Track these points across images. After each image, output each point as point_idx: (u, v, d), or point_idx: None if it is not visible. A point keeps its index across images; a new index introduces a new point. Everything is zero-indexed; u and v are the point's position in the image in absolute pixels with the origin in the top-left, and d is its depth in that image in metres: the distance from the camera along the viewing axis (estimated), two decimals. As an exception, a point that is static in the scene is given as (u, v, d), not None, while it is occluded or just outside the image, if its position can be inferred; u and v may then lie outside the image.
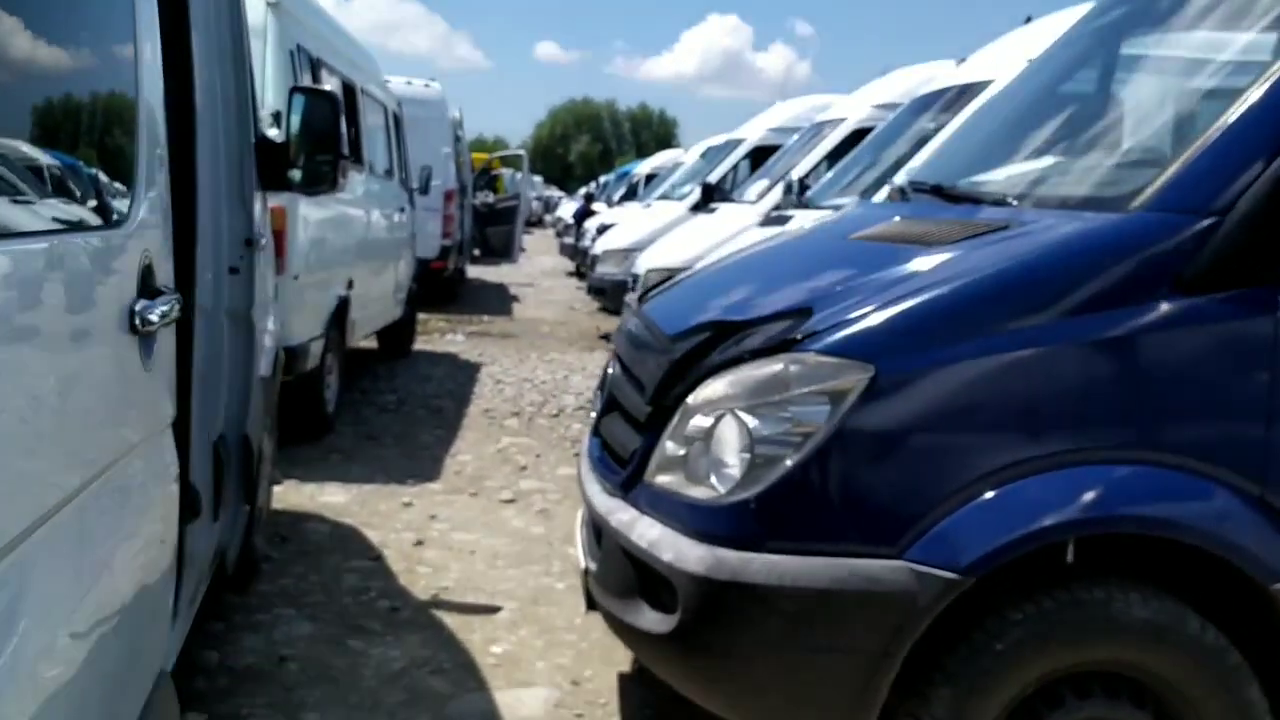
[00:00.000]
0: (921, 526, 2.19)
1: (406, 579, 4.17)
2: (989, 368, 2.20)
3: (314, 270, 5.86)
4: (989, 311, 2.22)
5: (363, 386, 7.99)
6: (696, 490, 2.40)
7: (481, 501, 5.29)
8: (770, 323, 2.40)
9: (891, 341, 2.24)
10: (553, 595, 4.07)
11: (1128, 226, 2.24)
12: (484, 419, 7.16)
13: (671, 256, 8.36)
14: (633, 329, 3.03)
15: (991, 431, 2.20)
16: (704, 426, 2.40)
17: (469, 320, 12.47)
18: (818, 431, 2.23)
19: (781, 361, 2.30)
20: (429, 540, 4.66)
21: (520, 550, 4.58)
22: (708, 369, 2.43)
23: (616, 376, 2.99)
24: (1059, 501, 2.17)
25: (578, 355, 10.11)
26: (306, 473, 5.58)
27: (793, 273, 2.78)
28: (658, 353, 2.68)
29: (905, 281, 2.34)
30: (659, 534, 2.42)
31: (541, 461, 6.09)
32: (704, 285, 3.10)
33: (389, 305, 8.38)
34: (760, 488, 2.27)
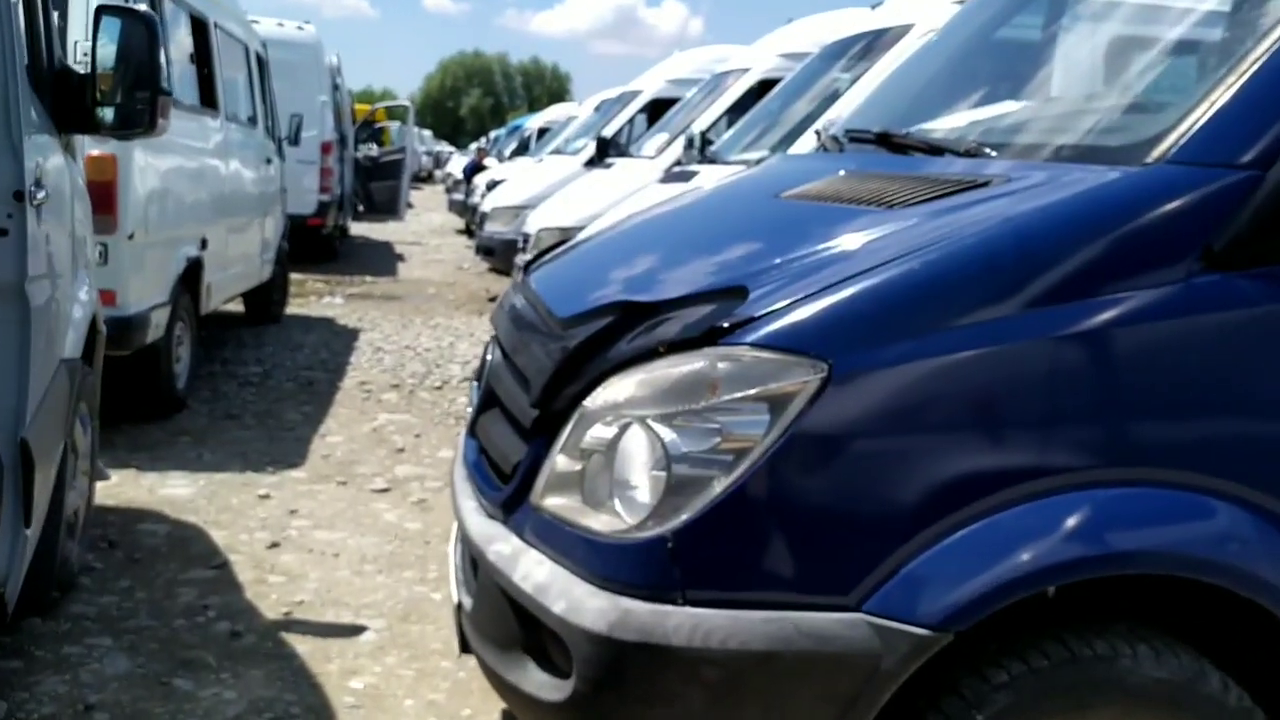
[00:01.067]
0: (884, 570, 1.70)
1: (254, 592, 3.56)
2: (974, 365, 1.70)
3: (155, 228, 5.13)
4: (974, 293, 1.72)
5: (224, 357, 7.25)
6: (596, 519, 1.87)
7: (351, 491, 4.68)
8: (691, 305, 1.86)
9: (849, 331, 1.72)
10: (427, 609, 3.51)
11: (1146, 183, 1.76)
12: (359, 393, 6.51)
13: (565, 215, 7.78)
14: (516, 306, 2.47)
15: (975, 447, 1.71)
16: (605, 438, 1.87)
17: (350, 281, 11.70)
18: (754, 447, 1.71)
19: (707, 357, 1.77)
20: (286, 541, 4.04)
21: (392, 551, 4.00)
22: (610, 364, 1.89)
23: (496, 365, 2.43)
24: (1060, 536, 1.70)
25: (465, 319, 9.47)
26: (149, 460, 4.89)
27: (714, 240, 2.24)
28: (546, 339, 2.13)
29: (863, 253, 1.82)
30: (548, 575, 1.89)
31: (421, 442, 5.49)
32: (603, 253, 2.54)
33: (254, 266, 7.63)
34: (679, 520, 1.74)
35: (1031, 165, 1.96)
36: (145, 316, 4.95)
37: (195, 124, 6.08)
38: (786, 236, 2.03)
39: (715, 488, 1.73)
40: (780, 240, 2.02)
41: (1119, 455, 1.72)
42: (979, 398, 1.71)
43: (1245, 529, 1.74)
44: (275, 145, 8.57)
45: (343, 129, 14.06)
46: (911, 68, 3.09)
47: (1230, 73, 1.79)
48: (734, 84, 8.10)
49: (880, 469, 1.71)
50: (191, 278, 5.78)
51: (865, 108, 2.99)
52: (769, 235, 2.11)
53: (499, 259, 10.24)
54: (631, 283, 2.14)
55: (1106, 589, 1.78)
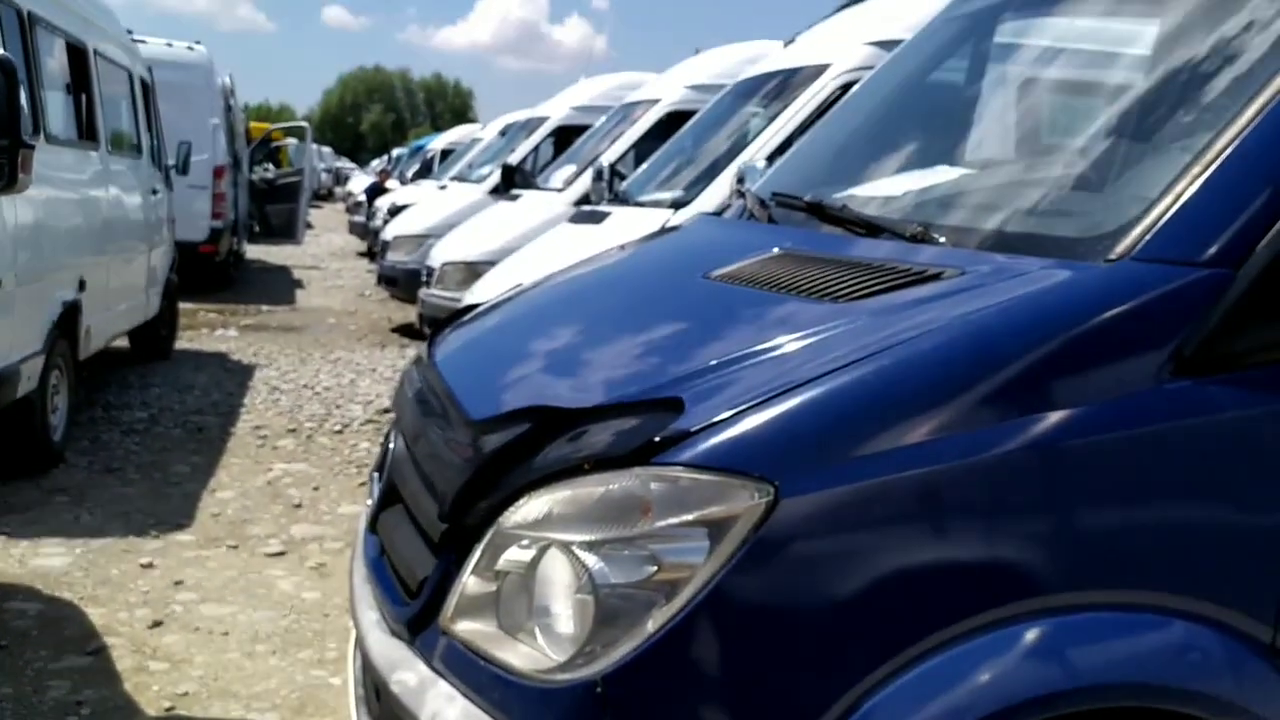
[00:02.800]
0: (842, 708, 1.53)
1: (134, 684, 3.26)
2: (933, 485, 1.55)
3: (26, 273, 4.75)
4: (931, 405, 1.56)
5: (106, 400, 6.83)
6: (515, 652, 1.67)
7: (243, 556, 4.38)
8: (620, 416, 1.67)
9: (797, 448, 1.55)
10: (324, 698, 3.25)
11: (1113, 283, 1.62)
12: (253, 439, 6.17)
13: (471, 248, 7.55)
14: (421, 393, 2.25)
15: (936, 574, 1.55)
16: (522, 560, 1.67)
17: (244, 311, 11.25)
18: (692, 578, 1.53)
19: (638, 477, 1.58)
20: (170, 619, 3.73)
21: (288, 627, 3.72)
22: (528, 478, 1.69)
23: (400, 458, 2.21)
24: (1035, 668, 1.55)
25: (367, 353, 9.14)
26: (20, 525, 4.52)
27: (640, 326, 2.05)
28: (456, 441, 1.92)
29: (809, 357, 1.65)
30: (459, 716, 1.68)
31: (320, 496, 5.20)
32: (516, 331, 2.33)
33: (139, 303, 7.22)
34: (610, 661, 1.55)
35: (983, 257, 1.82)
36: (15, 370, 4.58)
37: (73, 158, 5.70)
38: (721, 331, 1.85)
39: (649, 624, 1.54)
40: (714, 335, 1.84)
41: (1093, 578, 1.58)
42: (939, 521, 1.55)
43: (1229, 654, 1.61)
44: (162, 174, 8.16)
45: (236, 151, 13.59)
46: (839, 121, 2.95)
47: (1196, 161, 1.67)
48: (643, 115, 7.95)
49: (832, 600, 1.54)
50: (68, 323, 5.40)
51: (792, 165, 2.84)
52: (701, 327, 1.93)
53: (402, 289, 9.93)
54: (550, 378, 1.94)
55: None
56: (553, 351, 2.09)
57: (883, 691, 1.53)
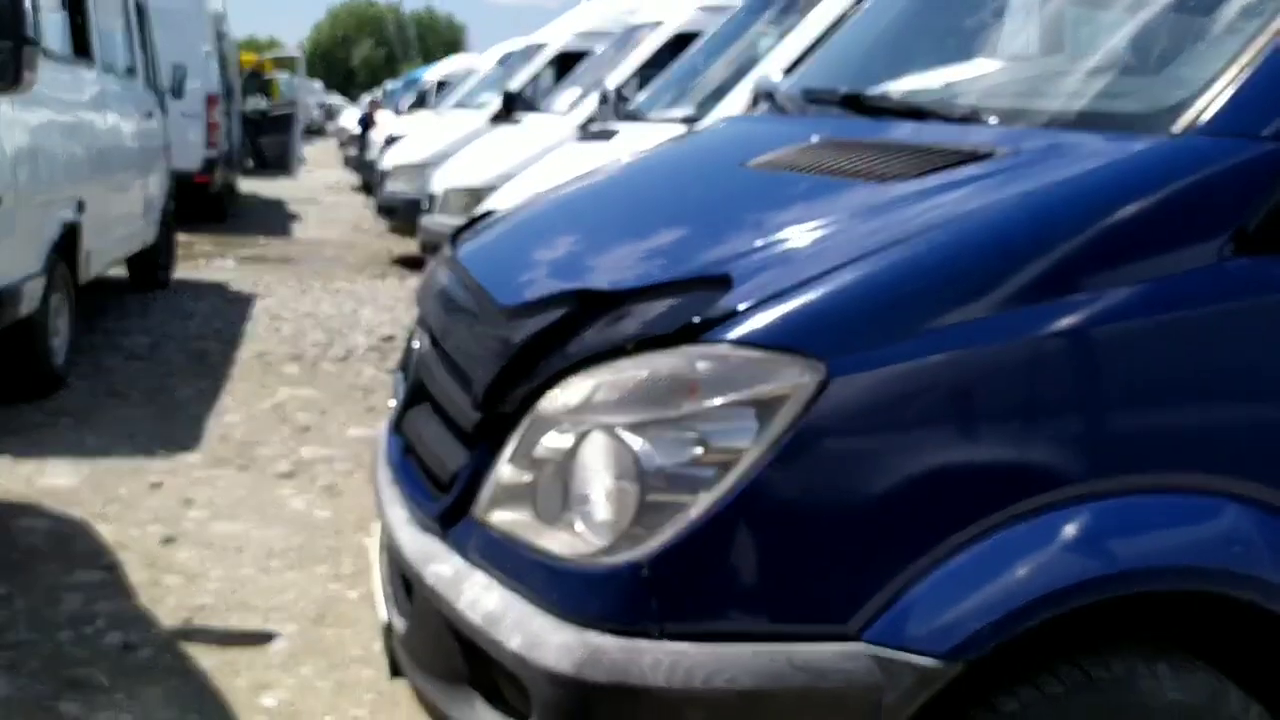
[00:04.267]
0: (886, 595, 1.50)
1: (149, 597, 3.24)
2: (986, 364, 1.50)
3: (26, 191, 4.66)
4: (985, 281, 1.52)
5: (106, 327, 6.76)
6: (554, 539, 1.63)
7: (252, 476, 4.35)
8: (664, 296, 1.62)
9: (849, 326, 1.51)
10: (343, 610, 3.23)
11: (1176, 156, 1.57)
12: (258, 365, 6.12)
13: (475, 174, 7.43)
14: (447, 287, 2.19)
15: (988, 457, 1.51)
16: (561, 447, 1.63)
17: (241, 243, 11.13)
18: (740, 459, 1.49)
19: (685, 357, 1.53)
20: (182, 535, 3.71)
21: (301, 544, 3.70)
22: (568, 362, 1.65)
23: (425, 355, 2.16)
24: (1087, 553, 1.52)
25: (368, 284, 9.06)
26: (25, 446, 4.48)
27: (678, 215, 1.99)
28: (488, 330, 1.86)
29: (859, 235, 1.61)
30: (499, 603, 1.65)
31: (328, 419, 5.16)
32: (546, 226, 2.27)
33: (137, 229, 7.13)
34: (655, 544, 1.52)
35: (1037, 133, 1.76)
36: (17, 289, 4.51)
37: (68, 75, 5.58)
38: (765, 214, 1.79)
39: (696, 506, 1.51)
40: (757, 218, 1.78)
41: (1144, 460, 1.55)
42: (991, 401, 1.51)
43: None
44: (157, 98, 8.01)
45: (229, 80, 13.38)
46: (865, 23, 2.86)
47: (1262, 32, 1.61)
48: (647, 38, 7.80)
49: (881, 482, 1.50)
50: (68, 244, 5.32)
51: (820, 66, 2.76)
52: (743, 212, 1.87)
53: (401, 219, 9.81)
54: (586, 265, 1.89)
55: (1123, 606, 1.61)
56: (586, 241, 2.03)
57: (925, 581, 1.50)
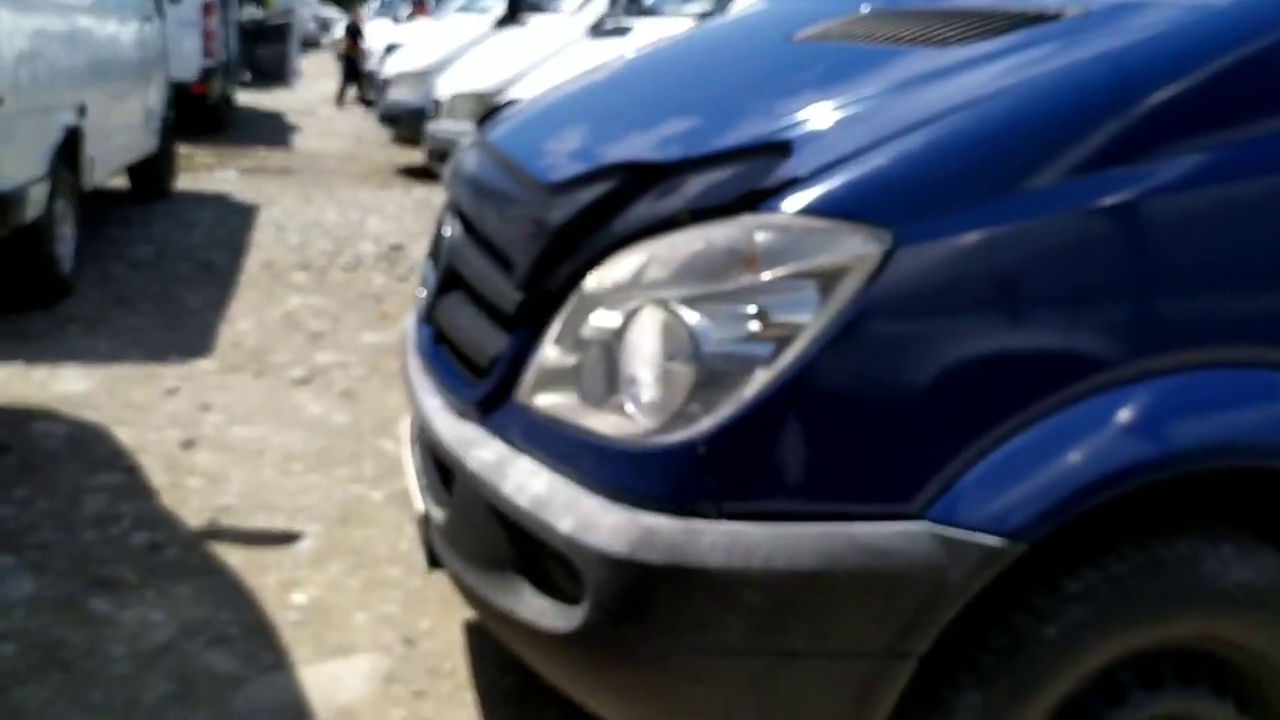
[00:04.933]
0: (950, 473, 1.46)
1: (172, 498, 3.21)
2: (1055, 234, 1.44)
3: (27, 92, 4.54)
4: (1058, 147, 1.44)
5: (111, 236, 6.67)
6: (603, 420, 1.59)
7: (268, 383, 4.30)
8: (717, 166, 1.55)
9: (914, 193, 1.44)
10: (367, 510, 3.21)
11: (1258, 13, 1.48)
12: (265, 274, 6.04)
13: (481, 78, 7.26)
14: (479, 169, 2.12)
15: (1061, 329, 1.46)
16: (610, 325, 1.57)
17: (241, 154, 10.95)
18: (800, 334, 1.44)
19: (742, 227, 1.47)
20: (201, 439, 3.68)
21: (321, 447, 3.67)
22: (617, 236, 1.59)
23: (458, 240, 2.09)
24: (1150, 430, 1.47)
25: (372, 194, 8.92)
26: (37, 352, 4.43)
27: (725, 91, 1.90)
28: (529, 209, 1.79)
29: (923, 100, 1.53)
30: (547, 487, 1.61)
31: (340, 326, 5.10)
32: (582, 106, 2.18)
33: (138, 136, 6.99)
34: (711, 421, 1.47)
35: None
36: (21, 192, 4.42)
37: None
38: (820, 84, 1.71)
39: (753, 382, 1.45)
40: (812, 88, 1.70)
41: (1216, 334, 1.49)
42: (1060, 274, 1.45)
43: None
44: (154, 2, 7.80)
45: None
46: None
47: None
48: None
49: (945, 357, 1.45)
50: (71, 148, 5.20)
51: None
52: (796, 83, 1.78)
53: (404, 129, 9.63)
54: (631, 140, 1.81)
55: (1187, 486, 1.57)
56: (629, 118, 1.94)
57: (989, 459, 1.45)
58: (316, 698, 2.30)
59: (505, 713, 2.29)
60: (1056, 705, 1.58)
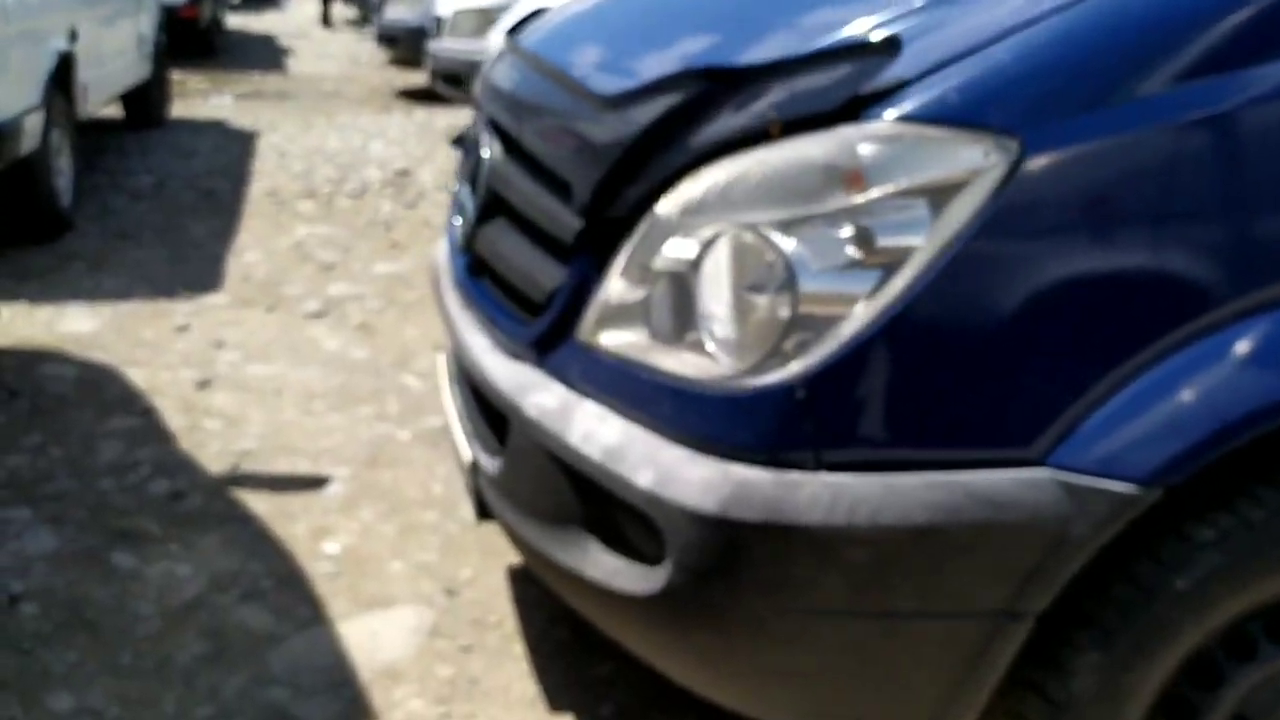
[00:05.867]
0: (1075, 413, 1.30)
1: (191, 442, 3.07)
2: (1200, 138, 1.26)
3: (16, 16, 4.30)
4: (1206, 35, 1.26)
5: (108, 167, 6.44)
6: (680, 360, 1.43)
7: (281, 317, 4.13)
8: (810, 68, 1.36)
9: (1043, 96, 1.26)
10: (395, 451, 3.06)
11: None
12: (270, 203, 5.84)
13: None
14: (518, 82, 1.92)
15: (1194, 248, 1.29)
16: (686, 257, 1.40)
17: (235, 79, 10.64)
18: (912, 258, 1.27)
19: (843, 138, 1.29)
20: (217, 379, 3.52)
21: (342, 384, 3.52)
22: (694, 153, 1.40)
23: (499, 163, 1.90)
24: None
25: (374, 118, 8.66)
26: (40, 291, 4.25)
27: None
28: (586, 125, 1.61)
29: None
30: (620, 435, 1.45)
31: (351, 257, 4.92)
32: (627, 9, 1.97)
33: (131, 62, 6.72)
34: (809, 361, 1.31)
35: None
36: (17, 123, 4.20)
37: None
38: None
39: (856, 315, 1.29)
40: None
41: None
42: (1199, 184, 1.28)
43: None
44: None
45: (211, -95, 12.56)
46: None
47: None
48: None
49: (1075, 281, 1.28)
50: (64, 76, 4.96)
51: None
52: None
53: (404, 49, 9.33)
54: (699, 42, 1.61)
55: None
56: (691, 16, 1.74)
57: (1118, 398, 1.30)
58: (358, 656, 2.18)
59: (558, 667, 2.16)
60: (1181, 662, 1.44)
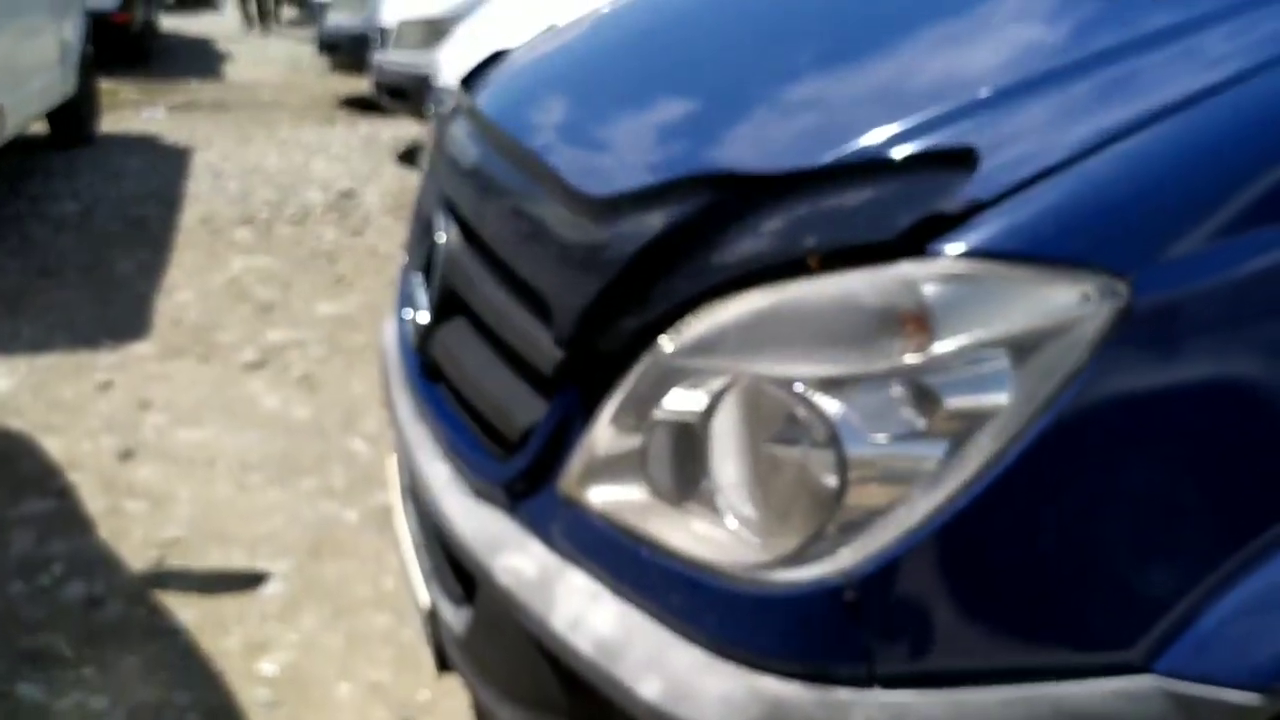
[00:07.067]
0: (1185, 610, 1.04)
1: (111, 529, 2.74)
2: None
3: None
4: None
5: (31, 192, 6.03)
6: (689, 532, 1.15)
7: (215, 369, 3.79)
8: (858, 180, 1.09)
9: (1158, 222, 1.00)
10: (341, 535, 2.75)
11: None
12: (204, 231, 5.47)
13: (430, 2, 6.63)
14: (477, 157, 1.62)
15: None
16: (695, 409, 1.12)
17: (170, 88, 10.18)
18: (988, 426, 1.00)
19: (904, 275, 1.01)
20: (142, 447, 3.19)
21: (282, 451, 3.20)
22: (710, 281, 1.12)
23: (458, 254, 1.61)
24: None
25: (315, 130, 8.28)
26: (-53, 342, 3.88)
27: (826, 47, 1.41)
28: (570, 229, 1.32)
29: (1146, 74, 1.07)
30: (616, 625, 1.17)
31: (292, 294, 4.58)
32: (607, 68, 1.65)
33: (53, 79, 6.30)
34: (862, 553, 1.04)
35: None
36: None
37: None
38: (968, 47, 1.24)
39: (922, 497, 1.02)
40: (960, 53, 1.23)
41: None
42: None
43: None
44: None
45: (141, -95, 12.06)
46: None
47: None
48: None
49: (1195, 454, 1.02)
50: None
51: None
52: (931, 47, 1.30)
53: (345, 56, 8.95)
54: (706, 128, 1.32)
55: None
56: (692, 89, 1.44)
57: (1238, 590, 1.04)
58: (301, 809, 1.88)
59: (535, 819, 1.87)
60: None
